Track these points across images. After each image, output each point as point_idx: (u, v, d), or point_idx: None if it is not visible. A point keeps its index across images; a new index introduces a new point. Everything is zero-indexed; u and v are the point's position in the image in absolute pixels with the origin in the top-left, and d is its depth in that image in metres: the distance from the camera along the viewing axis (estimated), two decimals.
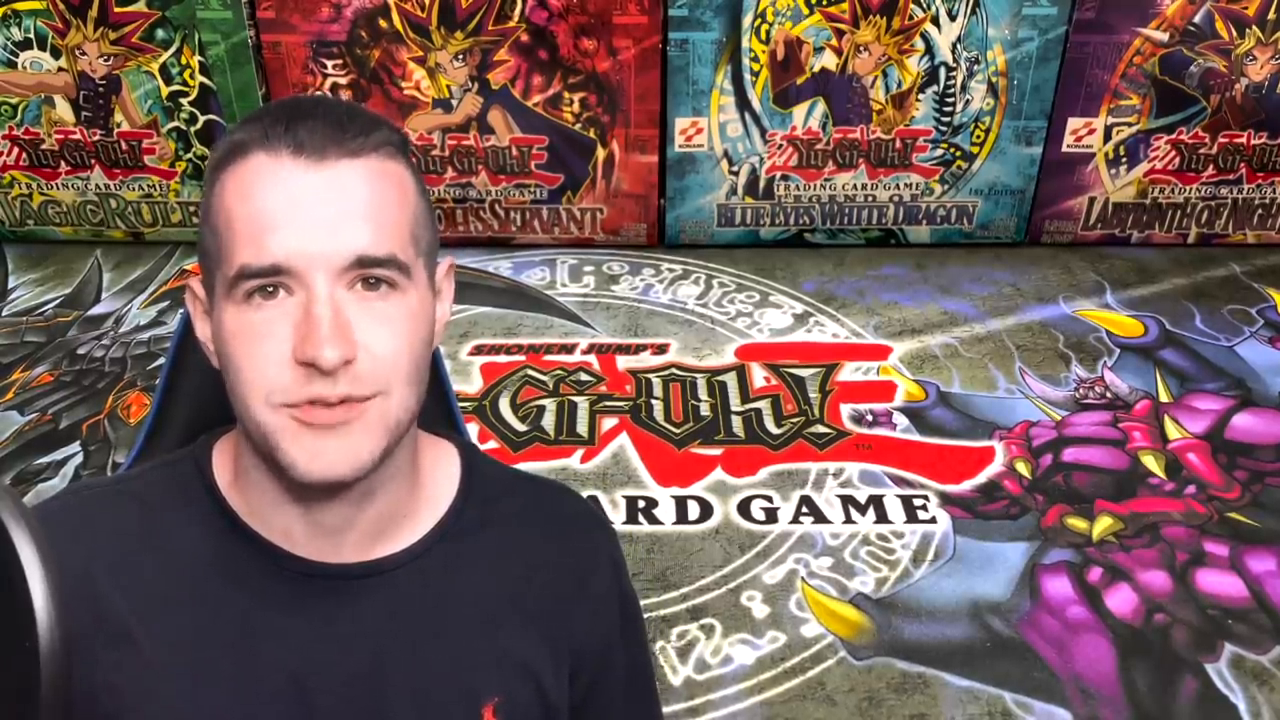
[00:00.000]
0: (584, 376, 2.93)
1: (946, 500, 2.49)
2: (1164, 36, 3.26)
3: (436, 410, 1.07)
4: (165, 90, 3.34)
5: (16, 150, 3.46)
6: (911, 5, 3.20)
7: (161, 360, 2.15)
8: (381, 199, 0.79)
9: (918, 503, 2.48)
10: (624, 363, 2.99)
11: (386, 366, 0.78)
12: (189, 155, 3.45)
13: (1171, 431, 2.71)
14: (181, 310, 0.93)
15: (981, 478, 2.56)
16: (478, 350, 3.04)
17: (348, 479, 0.79)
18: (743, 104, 3.36)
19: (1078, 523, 2.42)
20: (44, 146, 3.45)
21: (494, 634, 0.89)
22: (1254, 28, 3.25)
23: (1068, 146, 3.43)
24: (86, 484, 0.95)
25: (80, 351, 3.07)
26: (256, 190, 0.77)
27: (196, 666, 0.82)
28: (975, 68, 3.30)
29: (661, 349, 3.05)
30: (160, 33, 3.26)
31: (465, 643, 0.88)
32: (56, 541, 0.79)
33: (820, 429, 2.72)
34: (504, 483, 0.96)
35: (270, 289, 0.76)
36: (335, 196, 0.77)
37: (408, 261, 0.80)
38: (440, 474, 0.92)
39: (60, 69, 3.32)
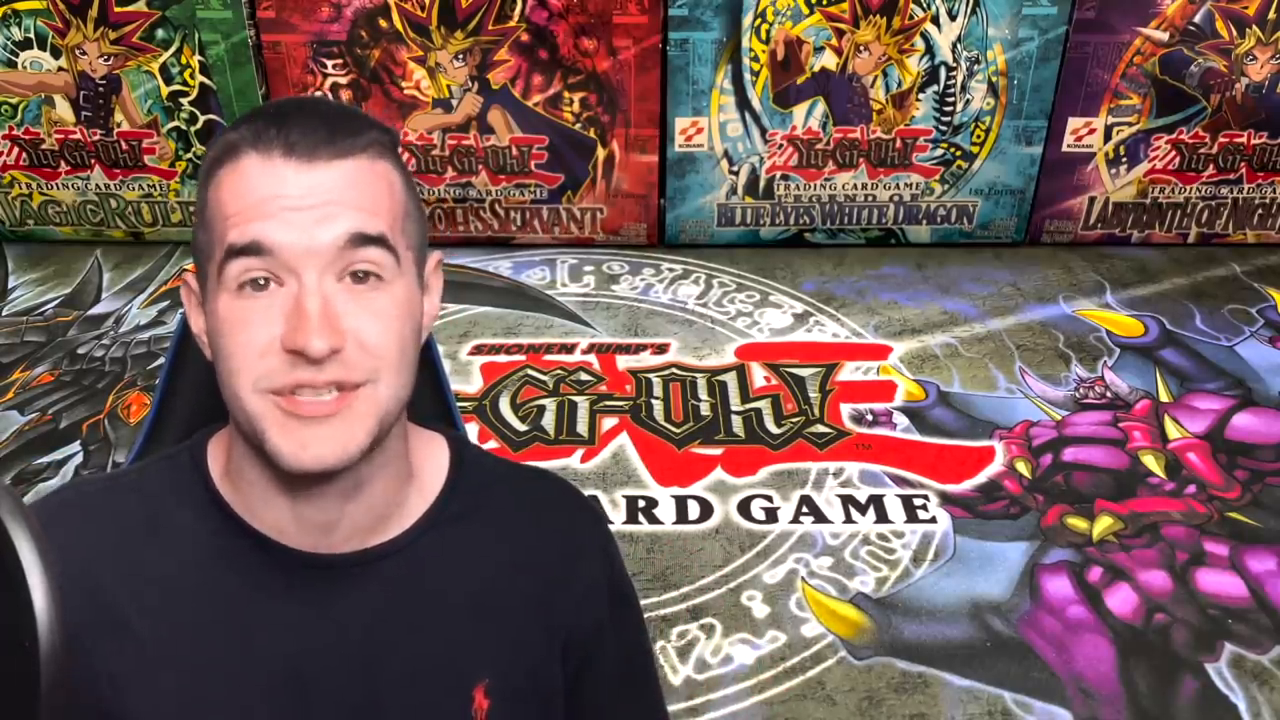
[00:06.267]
0: (584, 376, 2.93)
1: (946, 500, 2.49)
2: (1164, 36, 3.26)
3: (433, 407, 1.07)
4: (165, 90, 3.34)
5: (16, 150, 3.46)
6: (911, 5, 3.20)
7: (161, 360, 2.14)
8: (370, 193, 0.81)
9: (918, 502, 2.48)
10: (624, 362, 2.99)
11: (374, 355, 0.80)
12: (189, 155, 3.45)
13: (1171, 431, 2.71)
14: (181, 310, 0.95)
15: (981, 477, 2.56)
16: (478, 350, 3.04)
17: (335, 468, 0.80)
18: (743, 104, 3.36)
19: (1078, 522, 2.42)
20: (44, 146, 3.45)
21: (484, 617, 0.91)
22: (1254, 28, 3.25)
23: (1068, 146, 3.43)
24: (86, 479, 0.97)
25: (80, 351, 3.07)
26: (248, 188, 0.79)
27: (194, 655, 0.84)
28: (975, 67, 3.30)
29: (661, 349, 3.05)
30: (160, 32, 3.26)
31: (455, 626, 0.90)
32: (57, 535, 0.79)
33: (820, 429, 2.72)
34: (493, 472, 0.98)
35: (261, 281, 0.78)
36: (325, 194, 0.79)
37: (397, 246, 0.82)
38: (430, 466, 0.94)
39: (60, 69, 3.32)
